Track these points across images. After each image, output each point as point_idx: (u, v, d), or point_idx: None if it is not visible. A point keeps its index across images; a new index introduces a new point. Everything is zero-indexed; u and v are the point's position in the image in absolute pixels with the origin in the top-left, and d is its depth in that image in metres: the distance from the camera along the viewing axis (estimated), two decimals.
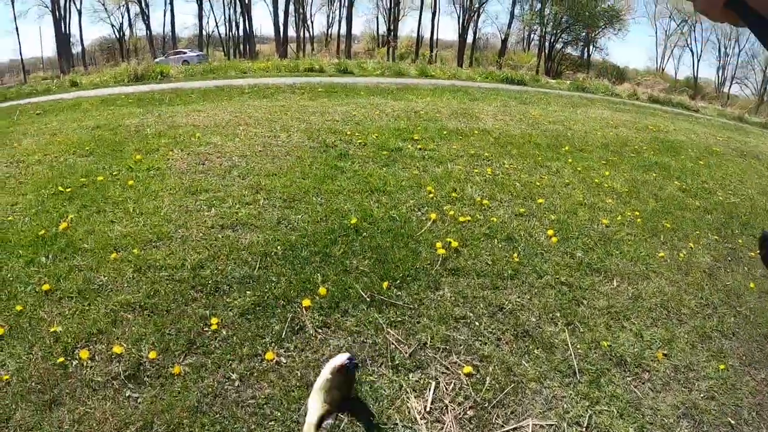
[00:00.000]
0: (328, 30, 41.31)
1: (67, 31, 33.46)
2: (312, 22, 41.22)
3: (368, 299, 2.52)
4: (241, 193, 3.64)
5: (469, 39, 36.54)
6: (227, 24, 39.90)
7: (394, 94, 8.76)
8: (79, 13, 35.68)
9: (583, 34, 35.43)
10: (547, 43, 36.48)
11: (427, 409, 1.98)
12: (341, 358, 1.85)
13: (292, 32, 37.64)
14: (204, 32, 37.87)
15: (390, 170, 4.32)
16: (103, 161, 4.37)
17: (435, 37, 38.58)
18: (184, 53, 29.50)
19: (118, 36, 38.48)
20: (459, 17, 36.18)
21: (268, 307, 2.45)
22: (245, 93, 8.26)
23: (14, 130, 5.83)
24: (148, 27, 36.57)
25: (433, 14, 37.43)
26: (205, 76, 12.31)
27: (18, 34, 41.29)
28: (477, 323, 2.46)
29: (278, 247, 2.92)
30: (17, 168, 4.40)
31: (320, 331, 2.33)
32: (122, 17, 44.44)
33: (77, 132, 5.39)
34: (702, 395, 2.27)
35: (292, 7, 35.36)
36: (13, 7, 33.62)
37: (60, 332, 2.31)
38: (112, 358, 2.16)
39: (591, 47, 37.13)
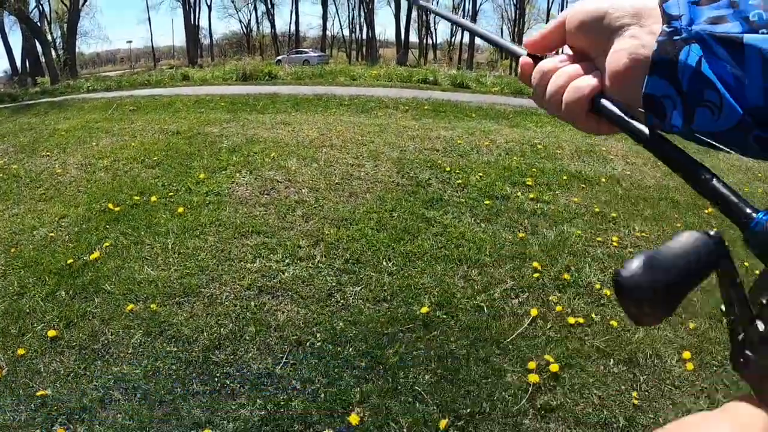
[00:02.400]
0: (451, 38, 41.21)
1: (197, 24, 36.56)
2: (435, 30, 41.37)
3: None
4: (297, 242, 3.22)
5: None
6: (350, 27, 41.34)
7: (510, 118, 7.95)
8: (209, 7, 39.16)
9: None
10: None
11: None
12: None
13: (415, 38, 38.01)
14: (328, 33, 39.53)
15: (490, 229, 3.66)
16: (165, 176, 4.24)
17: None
18: (306, 53, 30.65)
19: (245, 32, 41.57)
20: None
21: None
22: (344, 104, 8.01)
23: (101, 126, 6.04)
24: (273, 26, 39.00)
25: None
26: (314, 80, 12.41)
27: (150, 24, 46.37)
28: None
29: (318, 336, 2.42)
30: (84, 172, 4.42)
31: None
32: (250, 14, 48.18)
33: (155, 137, 5.40)
34: None
35: (414, 14, 35.69)
36: None
37: (48, 397, 2.15)
38: None
39: None
